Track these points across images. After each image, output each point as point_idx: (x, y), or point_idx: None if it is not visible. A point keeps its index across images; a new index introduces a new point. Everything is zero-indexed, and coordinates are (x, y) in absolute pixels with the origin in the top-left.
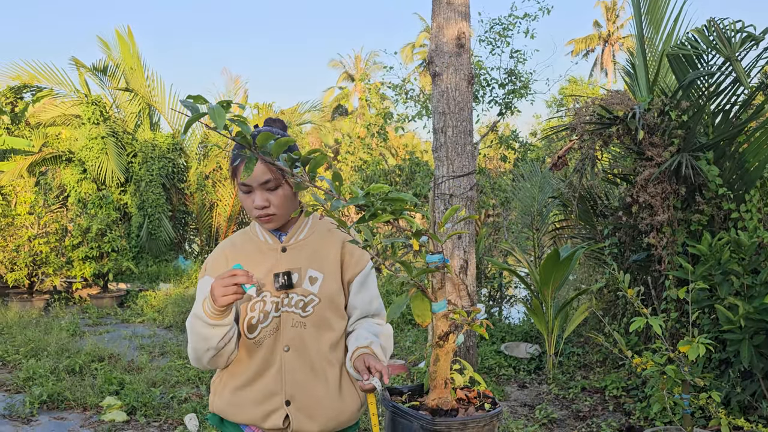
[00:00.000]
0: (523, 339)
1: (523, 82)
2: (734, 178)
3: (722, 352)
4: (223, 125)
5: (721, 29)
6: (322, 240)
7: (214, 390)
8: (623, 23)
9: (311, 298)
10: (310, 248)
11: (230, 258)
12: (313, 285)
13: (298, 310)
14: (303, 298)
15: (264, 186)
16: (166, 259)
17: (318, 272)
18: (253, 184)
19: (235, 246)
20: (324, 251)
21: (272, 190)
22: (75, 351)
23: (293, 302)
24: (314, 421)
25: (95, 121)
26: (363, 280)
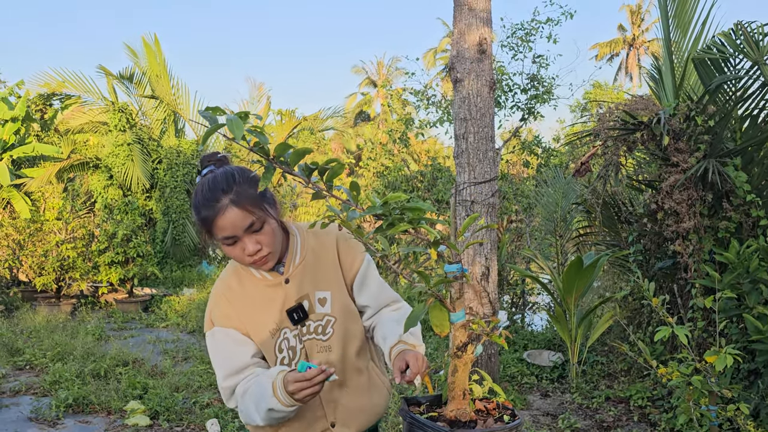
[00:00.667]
0: (546, 347)
1: (546, 87)
2: (763, 184)
3: (751, 363)
4: (241, 136)
5: (748, 33)
6: (316, 255)
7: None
8: (648, 27)
9: (327, 319)
10: (310, 270)
11: (235, 304)
12: (324, 306)
13: (319, 335)
14: (320, 323)
15: (249, 230)
16: (189, 264)
17: (325, 291)
18: (238, 233)
19: (234, 290)
20: (322, 267)
21: (259, 230)
22: (100, 355)
23: (312, 329)
24: (352, 428)
25: (122, 128)
26: (361, 279)
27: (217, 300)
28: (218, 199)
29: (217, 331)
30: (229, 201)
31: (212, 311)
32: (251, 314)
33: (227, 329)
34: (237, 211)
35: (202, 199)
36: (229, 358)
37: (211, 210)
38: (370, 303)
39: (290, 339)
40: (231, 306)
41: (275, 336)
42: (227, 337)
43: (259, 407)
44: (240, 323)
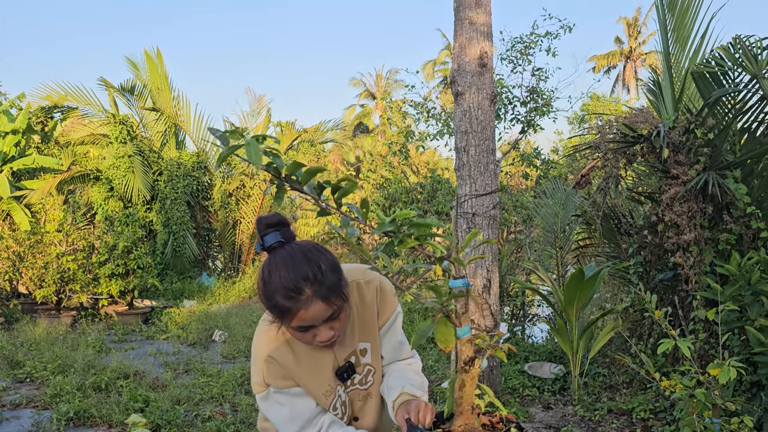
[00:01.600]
0: (547, 359)
1: (545, 99)
2: (763, 196)
3: (753, 375)
4: (260, 162)
5: (747, 46)
6: (358, 310)
7: None
8: (645, 39)
9: (368, 369)
10: (353, 324)
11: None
12: (365, 356)
13: (363, 386)
14: (362, 375)
15: (328, 320)
16: (190, 276)
17: (366, 343)
18: (316, 323)
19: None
20: (364, 318)
21: (335, 319)
22: (101, 368)
23: (356, 381)
24: None
25: (122, 140)
26: (390, 325)
27: (267, 362)
28: (302, 291)
29: (273, 391)
30: (313, 293)
31: (265, 373)
32: (306, 378)
33: (286, 389)
34: (321, 304)
35: (281, 286)
36: (298, 413)
37: (293, 302)
38: (386, 355)
39: (342, 395)
40: (284, 368)
41: (329, 397)
42: (288, 395)
43: None
44: (296, 383)
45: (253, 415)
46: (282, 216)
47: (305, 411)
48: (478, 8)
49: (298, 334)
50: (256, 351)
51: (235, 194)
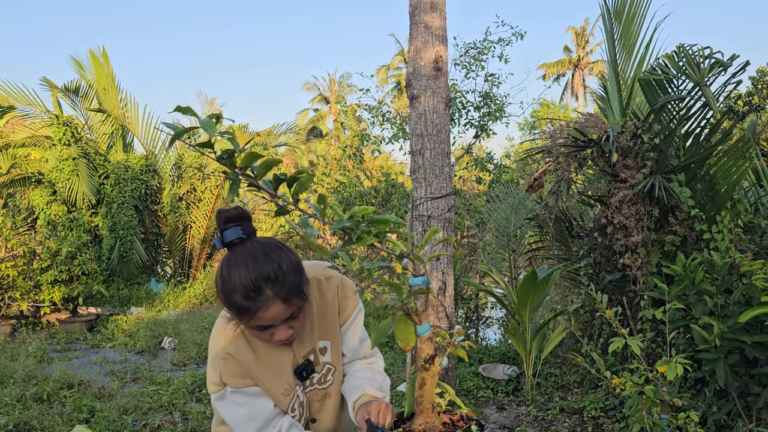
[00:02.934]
0: (501, 360)
1: (498, 105)
2: (705, 200)
3: (698, 372)
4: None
5: (690, 55)
6: (318, 309)
7: None
8: (593, 48)
9: (328, 368)
10: (312, 321)
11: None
12: (324, 355)
13: (321, 385)
14: (322, 373)
15: (287, 320)
16: (138, 282)
17: (326, 341)
18: (275, 323)
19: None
20: (324, 319)
21: (294, 319)
22: (43, 378)
23: (315, 380)
24: None
25: (66, 142)
26: (348, 327)
27: (225, 360)
28: (262, 292)
29: (230, 391)
30: (273, 294)
31: (222, 371)
32: (264, 377)
33: (244, 388)
34: (281, 305)
35: (241, 285)
36: (255, 413)
37: (252, 302)
38: (348, 353)
39: (299, 395)
40: (242, 366)
41: (288, 396)
42: (246, 395)
43: None
44: (254, 382)
45: (204, 423)
46: (243, 210)
47: (263, 411)
48: (433, 12)
49: (256, 332)
50: (214, 348)
51: (186, 198)
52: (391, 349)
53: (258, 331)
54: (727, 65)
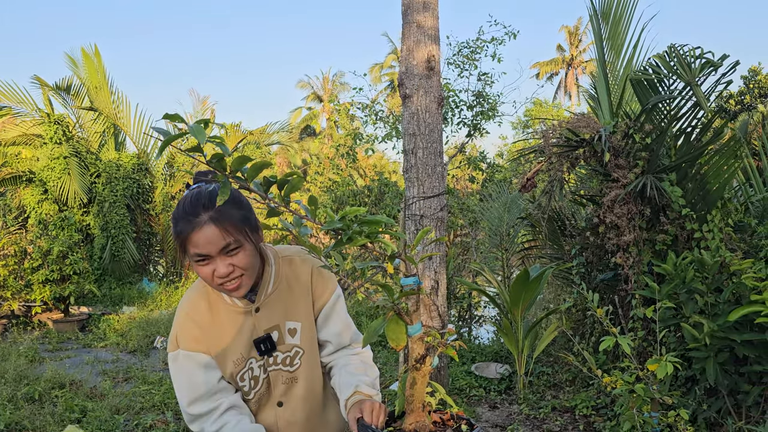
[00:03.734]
0: (493, 359)
1: (490, 104)
2: (696, 199)
3: (688, 370)
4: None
5: (681, 55)
6: (289, 285)
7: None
8: (585, 47)
9: (296, 351)
10: (282, 299)
11: (204, 328)
12: (293, 337)
13: (286, 367)
14: (288, 354)
15: (224, 252)
16: (130, 281)
17: (295, 322)
18: (212, 252)
19: (203, 313)
20: (295, 297)
21: (233, 253)
22: (34, 378)
23: (279, 360)
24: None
25: (57, 141)
26: (327, 313)
27: (184, 322)
28: (197, 214)
29: (182, 354)
30: (208, 218)
31: (179, 332)
32: (219, 340)
33: (195, 353)
34: (214, 229)
35: (181, 211)
36: (195, 383)
37: (188, 224)
38: (332, 339)
39: (255, 369)
40: (199, 329)
41: (239, 365)
42: (193, 362)
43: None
44: (207, 348)
45: None
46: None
47: (204, 383)
48: (426, 11)
49: (200, 268)
50: (178, 310)
51: (178, 197)
52: (384, 348)
53: (200, 266)
54: (718, 65)
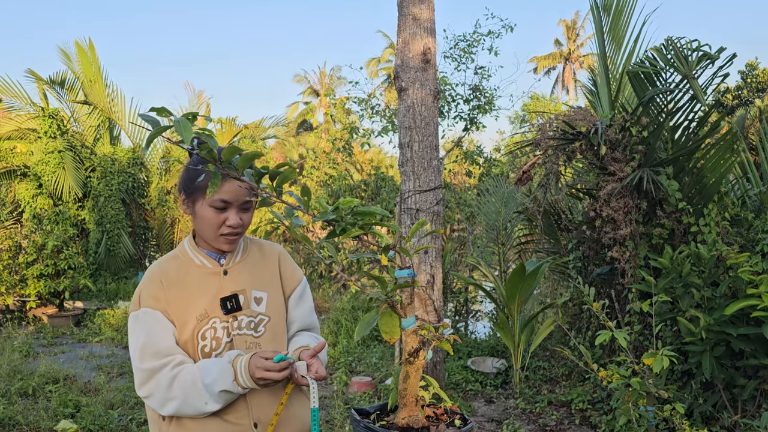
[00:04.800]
0: (490, 354)
1: (487, 98)
2: (693, 193)
3: (684, 364)
4: (190, 138)
5: (678, 48)
6: (256, 259)
7: (167, 418)
8: (583, 42)
9: (261, 318)
10: (249, 268)
11: (168, 287)
12: (259, 305)
13: (251, 331)
14: (253, 320)
15: (242, 206)
16: (125, 276)
17: (261, 291)
18: (234, 202)
19: (170, 274)
20: (263, 270)
21: (246, 210)
22: (28, 373)
23: (243, 324)
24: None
25: (52, 135)
26: (300, 293)
27: (149, 281)
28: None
29: (142, 312)
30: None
31: (142, 292)
32: (182, 298)
33: (154, 311)
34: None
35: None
36: (152, 339)
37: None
38: (301, 319)
39: (218, 329)
40: (162, 289)
41: (201, 321)
42: (152, 319)
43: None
44: (168, 307)
45: None
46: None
47: (161, 342)
48: (421, 4)
49: (213, 213)
50: (146, 272)
51: (173, 192)
52: (380, 343)
53: (215, 211)
54: (715, 58)
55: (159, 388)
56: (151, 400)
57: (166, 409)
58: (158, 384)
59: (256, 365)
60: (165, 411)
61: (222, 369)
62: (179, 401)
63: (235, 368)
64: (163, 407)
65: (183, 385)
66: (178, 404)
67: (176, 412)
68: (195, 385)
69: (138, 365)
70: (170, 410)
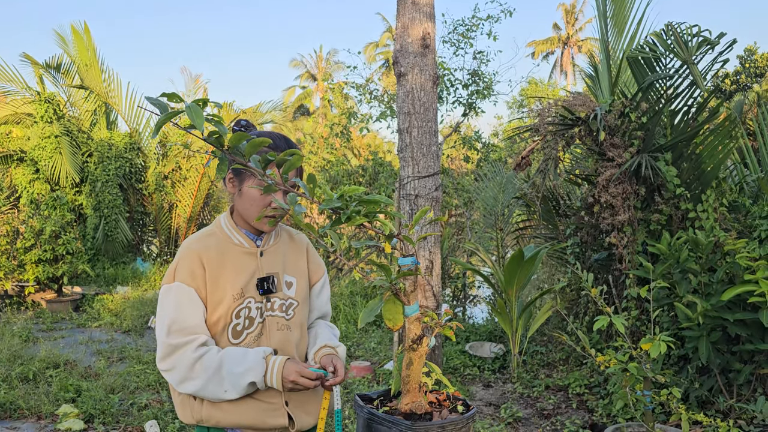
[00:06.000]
0: (488, 338)
1: (486, 83)
2: (691, 179)
3: (681, 349)
4: (202, 125)
5: (678, 33)
6: (289, 246)
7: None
8: (582, 26)
9: (291, 302)
10: (282, 253)
11: (207, 263)
12: (290, 289)
13: (282, 313)
14: (284, 302)
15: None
16: (123, 261)
17: (292, 276)
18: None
19: (210, 249)
20: (293, 256)
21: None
22: (28, 358)
23: (276, 306)
24: (310, 415)
25: (48, 120)
26: (323, 284)
27: (188, 256)
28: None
29: (176, 286)
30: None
31: (179, 265)
32: (220, 275)
33: (188, 288)
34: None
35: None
36: (180, 315)
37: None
38: (319, 308)
39: (252, 309)
40: (200, 266)
41: (237, 300)
42: (185, 295)
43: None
44: (203, 285)
45: None
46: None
47: (190, 319)
48: None
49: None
50: (183, 246)
51: (171, 177)
52: (378, 328)
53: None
54: (715, 43)
55: (181, 365)
56: (170, 374)
57: (183, 387)
58: (181, 360)
59: (294, 368)
60: (182, 389)
61: (256, 361)
62: (199, 383)
63: (267, 364)
64: (180, 384)
65: (206, 368)
66: (197, 385)
67: (193, 392)
68: (218, 371)
69: (164, 339)
70: (187, 389)
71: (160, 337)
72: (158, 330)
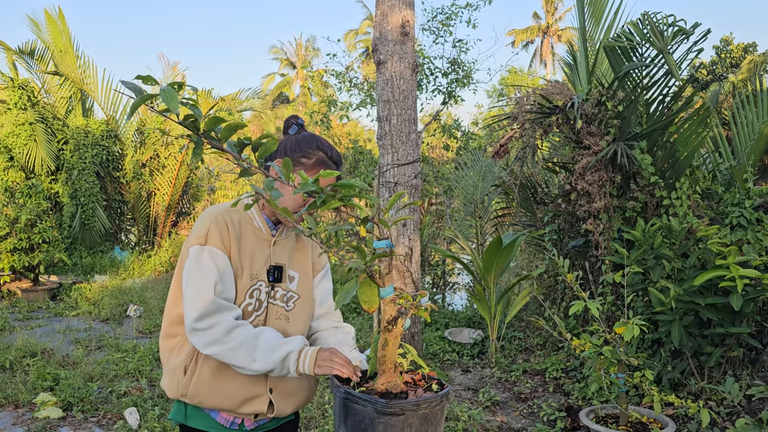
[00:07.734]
0: (467, 325)
1: (465, 71)
2: (666, 167)
3: (654, 333)
4: (176, 108)
5: (654, 23)
6: (295, 242)
7: (189, 372)
8: (562, 15)
9: (291, 295)
10: (290, 248)
11: (234, 236)
12: (291, 283)
13: (283, 304)
14: (285, 293)
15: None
16: (101, 250)
17: (295, 272)
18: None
19: (234, 224)
20: (299, 254)
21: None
22: (5, 347)
23: (278, 296)
24: (290, 404)
25: (22, 106)
26: (322, 275)
27: (217, 222)
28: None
29: (210, 250)
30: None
31: (210, 228)
32: (242, 251)
33: (223, 255)
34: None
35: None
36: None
37: (335, 165)
38: (320, 299)
39: (262, 292)
40: (228, 235)
41: (252, 280)
42: (223, 262)
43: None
44: (232, 251)
45: None
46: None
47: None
48: None
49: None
50: (211, 211)
51: (149, 165)
52: (359, 315)
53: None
54: (690, 33)
55: (220, 326)
56: (203, 334)
57: (209, 349)
58: (223, 321)
59: (331, 350)
60: (207, 350)
61: (299, 340)
62: (231, 346)
63: (305, 345)
64: (208, 346)
65: (244, 334)
66: (227, 348)
67: (218, 354)
68: (255, 338)
69: (212, 296)
70: (213, 351)
71: (202, 294)
72: (198, 286)
